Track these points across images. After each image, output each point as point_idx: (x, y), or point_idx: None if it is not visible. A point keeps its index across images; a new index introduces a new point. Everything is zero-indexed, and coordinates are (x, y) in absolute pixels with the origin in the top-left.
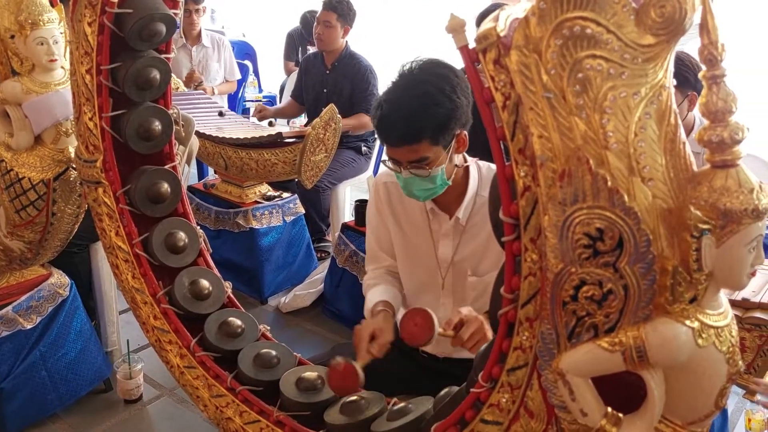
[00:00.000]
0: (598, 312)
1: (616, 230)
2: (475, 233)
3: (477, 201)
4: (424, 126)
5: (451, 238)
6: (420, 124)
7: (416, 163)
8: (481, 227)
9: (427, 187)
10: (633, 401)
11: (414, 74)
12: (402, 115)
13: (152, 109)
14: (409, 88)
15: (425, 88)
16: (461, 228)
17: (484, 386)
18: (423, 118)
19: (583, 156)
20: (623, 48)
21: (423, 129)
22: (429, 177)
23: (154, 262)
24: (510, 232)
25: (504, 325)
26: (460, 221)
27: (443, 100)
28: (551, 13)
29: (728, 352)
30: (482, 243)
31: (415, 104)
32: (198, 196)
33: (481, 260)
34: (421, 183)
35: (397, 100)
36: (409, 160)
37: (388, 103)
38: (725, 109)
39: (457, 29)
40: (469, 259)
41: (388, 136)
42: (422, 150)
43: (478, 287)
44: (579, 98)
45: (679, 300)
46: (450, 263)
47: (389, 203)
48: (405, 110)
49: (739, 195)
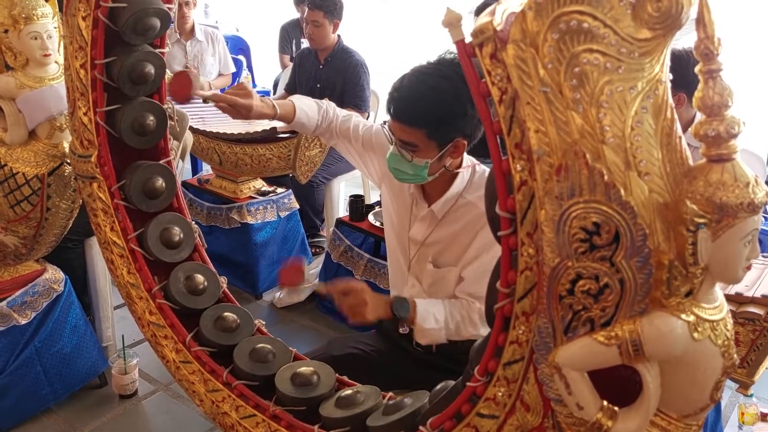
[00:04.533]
0: (594, 306)
1: (612, 224)
2: (447, 227)
3: (458, 201)
4: (425, 117)
5: (425, 223)
6: (421, 115)
7: (404, 144)
8: (455, 223)
9: (402, 169)
10: (629, 395)
11: (445, 66)
12: (411, 96)
13: (147, 104)
14: (433, 76)
15: (445, 85)
16: (436, 220)
17: (480, 380)
18: (426, 111)
19: (579, 150)
20: (620, 42)
21: (422, 119)
22: (409, 162)
23: (150, 258)
24: (506, 226)
25: (500, 319)
26: (436, 213)
27: (454, 104)
28: (548, 7)
29: (723, 346)
30: (451, 236)
31: (427, 94)
32: (192, 191)
33: (444, 252)
34: (398, 163)
35: (413, 82)
36: (400, 138)
37: (408, 79)
38: (721, 104)
39: (453, 23)
40: (434, 246)
41: (393, 107)
42: (413, 135)
43: (435, 276)
44: (576, 92)
45: (675, 294)
46: (419, 246)
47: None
48: (416, 93)
49: (734, 189)
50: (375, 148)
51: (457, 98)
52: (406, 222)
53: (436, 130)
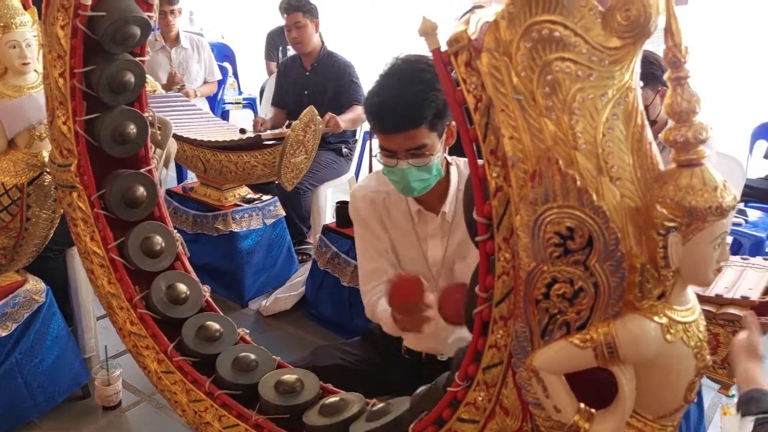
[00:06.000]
0: (569, 309)
1: (585, 229)
2: (460, 225)
3: (459, 196)
4: (425, 111)
5: (439, 237)
6: (420, 109)
7: (415, 151)
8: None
9: (424, 178)
10: (605, 397)
11: (408, 65)
12: (402, 101)
13: (127, 112)
14: (407, 76)
15: (422, 76)
16: (448, 225)
17: (460, 385)
18: (423, 103)
19: (553, 156)
20: (591, 51)
21: (423, 114)
22: (427, 166)
23: (130, 267)
24: (483, 231)
25: (479, 323)
26: (447, 217)
27: (440, 87)
28: (520, 17)
29: (696, 347)
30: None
31: (414, 90)
32: (176, 199)
33: (469, 251)
34: (418, 173)
35: (395, 87)
36: (407, 148)
37: (386, 89)
38: (689, 110)
39: (429, 32)
40: (458, 253)
41: (387, 124)
42: (421, 136)
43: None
44: (548, 100)
45: (648, 296)
46: (441, 263)
47: (376, 214)
48: (404, 95)
49: (703, 193)
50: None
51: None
52: (417, 248)
53: (437, 120)
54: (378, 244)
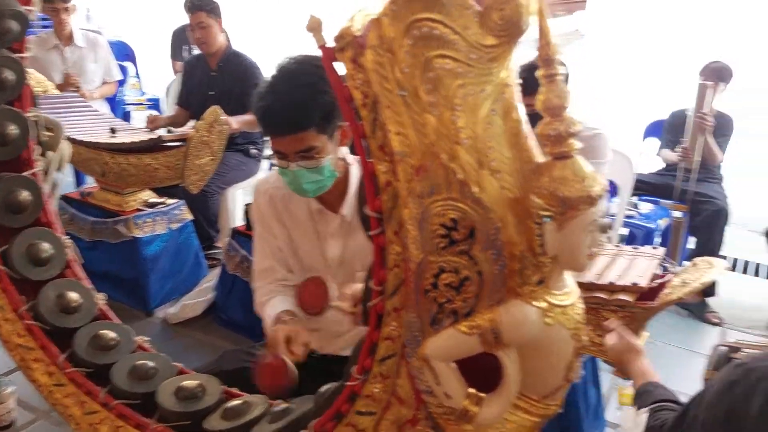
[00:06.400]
0: (456, 298)
1: (468, 220)
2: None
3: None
4: (312, 113)
5: (338, 237)
6: (307, 112)
7: (304, 153)
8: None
9: (316, 179)
10: (494, 382)
11: (296, 66)
12: (288, 103)
13: (6, 111)
14: (294, 78)
15: (310, 78)
16: (347, 225)
17: (358, 378)
18: (310, 106)
19: (436, 151)
20: (469, 48)
21: (310, 116)
22: (318, 168)
23: (15, 276)
24: (375, 226)
25: (374, 316)
26: (346, 218)
27: (328, 89)
28: (402, 15)
29: (574, 329)
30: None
31: (302, 92)
32: (74, 205)
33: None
34: (310, 175)
35: (282, 89)
36: (297, 150)
37: (273, 93)
38: (560, 105)
39: (315, 28)
40: (358, 255)
41: (275, 126)
42: (309, 138)
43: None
44: (431, 96)
45: (528, 283)
46: (339, 263)
47: (274, 210)
48: (291, 98)
49: (575, 184)
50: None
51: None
52: (317, 246)
53: (325, 122)
54: (273, 241)
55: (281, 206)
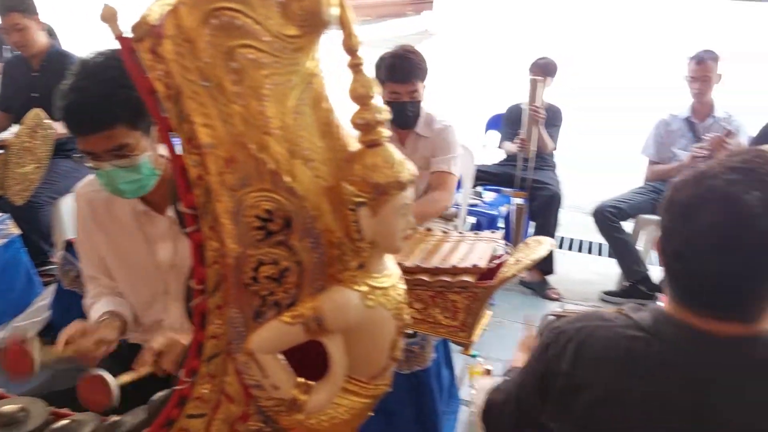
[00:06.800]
0: (278, 289)
1: (283, 210)
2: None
3: None
4: (116, 108)
5: (167, 239)
6: (112, 107)
7: (116, 152)
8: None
9: (133, 179)
10: (324, 368)
11: (100, 60)
12: (91, 100)
13: None
14: (96, 74)
15: (112, 73)
16: (177, 226)
17: (186, 381)
18: (115, 101)
19: (245, 142)
20: (272, 38)
21: (115, 112)
22: (134, 167)
23: None
24: (191, 222)
25: (198, 316)
26: (174, 219)
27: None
28: (200, 3)
29: (395, 309)
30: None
31: (105, 87)
32: None
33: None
34: (126, 175)
35: (83, 85)
36: (107, 149)
37: (74, 90)
38: (366, 94)
39: (110, 19)
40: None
41: (79, 125)
42: (119, 136)
43: None
44: (237, 86)
45: (348, 268)
46: (170, 266)
47: (94, 216)
48: (94, 94)
49: (385, 170)
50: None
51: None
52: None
53: (136, 117)
54: (93, 251)
55: (103, 211)
